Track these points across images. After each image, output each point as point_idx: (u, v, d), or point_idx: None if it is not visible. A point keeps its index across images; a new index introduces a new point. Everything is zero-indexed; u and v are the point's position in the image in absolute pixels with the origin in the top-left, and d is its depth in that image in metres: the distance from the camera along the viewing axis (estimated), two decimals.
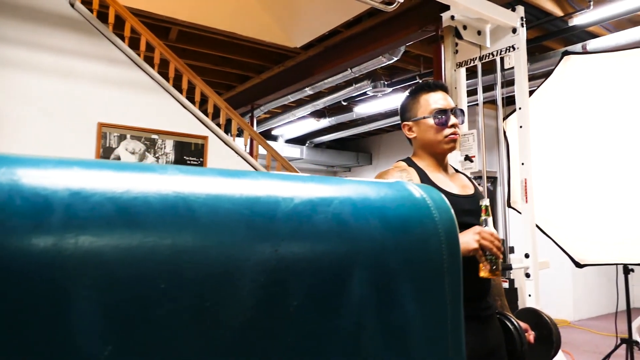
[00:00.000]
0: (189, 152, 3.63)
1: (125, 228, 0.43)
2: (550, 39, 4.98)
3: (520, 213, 2.99)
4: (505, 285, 2.92)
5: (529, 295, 2.82)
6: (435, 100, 1.61)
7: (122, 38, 4.12)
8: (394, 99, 6.56)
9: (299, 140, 10.05)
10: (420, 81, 6.02)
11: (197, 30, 5.01)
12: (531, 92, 3.70)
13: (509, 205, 3.48)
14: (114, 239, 0.42)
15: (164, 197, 0.46)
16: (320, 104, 7.02)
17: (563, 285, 6.84)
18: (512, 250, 3.32)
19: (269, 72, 6.19)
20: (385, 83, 6.16)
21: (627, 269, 3.58)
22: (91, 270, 0.41)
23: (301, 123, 8.71)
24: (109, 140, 3.44)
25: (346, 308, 0.54)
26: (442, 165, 1.64)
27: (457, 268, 0.64)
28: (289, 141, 10.01)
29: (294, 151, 9.74)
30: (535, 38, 4.94)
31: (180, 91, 4.36)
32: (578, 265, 3.41)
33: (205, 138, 3.75)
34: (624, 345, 3.67)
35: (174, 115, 3.73)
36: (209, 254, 0.46)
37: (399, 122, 1.72)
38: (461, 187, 1.63)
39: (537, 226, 3.43)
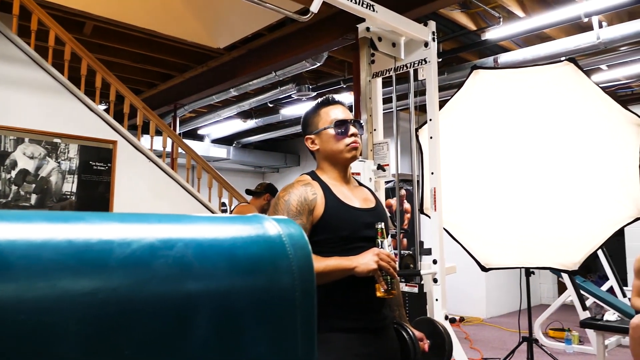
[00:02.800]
0: (96, 158, 3.45)
1: None
2: (466, 51, 5.22)
3: (430, 218, 3.11)
4: (415, 290, 3.02)
5: (436, 300, 2.94)
6: (335, 112, 1.66)
7: (29, 31, 3.86)
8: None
9: (226, 141, 9.91)
10: (345, 86, 6.09)
11: (114, 26, 4.80)
12: (447, 101, 3.86)
13: (421, 211, 3.61)
14: None
15: None
16: (246, 105, 6.96)
17: (477, 285, 7.20)
18: (429, 252, 3.44)
19: (192, 72, 6.06)
20: (310, 87, 6.21)
21: (528, 272, 3.83)
22: None
23: (228, 123, 8.59)
24: (4, 144, 3.18)
25: (187, 353, 0.54)
26: (345, 178, 1.68)
27: (311, 304, 0.65)
28: (215, 141, 9.84)
29: (220, 151, 9.58)
30: (452, 50, 5.16)
31: (94, 89, 4.16)
32: (483, 269, 3.60)
33: (114, 142, 3.58)
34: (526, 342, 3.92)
35: (79, 118, 3.52)
36: (24, 310, 0.44)
37: None
38: (363, 200, 1.68)
39: (447, 232, 3.59)
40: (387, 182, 3.39)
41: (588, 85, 3.33)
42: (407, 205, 8.20)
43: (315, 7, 2.40)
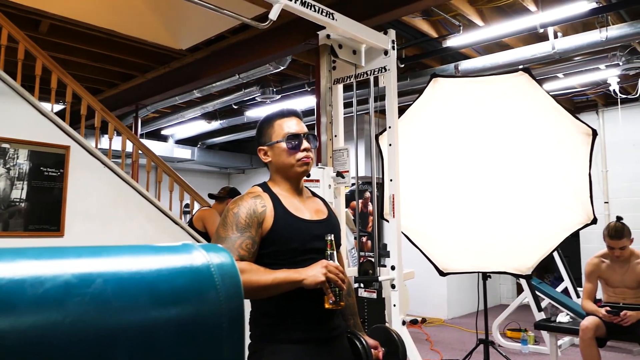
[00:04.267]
0: (48, 163, 3.33)
1: None
2: (428, 57, 5.30)
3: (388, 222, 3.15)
4: (374, 295, 3.05)
5: (394, 305, 2.98)
6: (288, 125, 1.66)
7: None
8: (284, 105, 6.61)
9: (190, 141, 9.77)
10: (309, 89, 6.09)
11: (71, 25, 4.68)
12: (409, 106, 3.91)
13: (382, 217, 3.65)
14: None
15: None
16: (210, 106, 6.89)
17: (438, 286, 7.31)
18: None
19: (154, 72, 5.96)
20: (275, 90, 6.20)
21: (485, 276, 3.91)
22: None
23: (192, 124, 8.47)
24: None
25: None
26: (297, 190, 1.69)
27: (239, 333, 0.65)
28: (180, 142, 9.69)
29: (184, 152, 9.45)
30: (414, 56, 5.23)
31: (49, 89, 4.04)
32: (441, 273, 3.67)
33: (67, 147, 3.48)
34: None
35: (29, 122, 3.39)
36: None
37: None
38: (314, 211, 1.68)
39: (407, 237, 3.64)
40: (352, 184, 3.41)
41: (541, 95, 3.43)
42: (371, 208, 8.29)
43: (274, 15, 2.40)
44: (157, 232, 4.08)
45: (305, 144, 1.63)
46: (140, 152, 4.61)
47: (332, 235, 1.54)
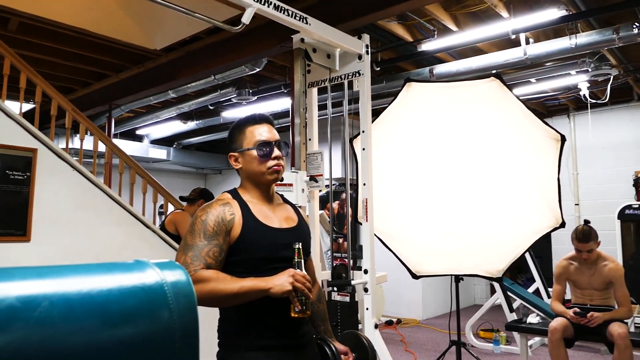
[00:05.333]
0: (14, 166, 3.24)
1: None
2: (404, 61, 5.34)
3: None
4: (347, 299, 3.06)
5: (367, 309, 2.99)
6: (260, 132, 1.65)
7: None
8: (260, 106, 6.59)
9: (166, 141, 9.66)
10: (285, 91, 6.07)
11: (42, 23, 4.58)
12: (385, 109, 3.94)
13: (356, 220, 3.65)
14: None
15: None
16: (185, 107, 6.82)
17: (413, 287, 7.36)
18: None
19: (128, 72, 5.87)
20: (251, 91, 6.17)
21: (457, 278, 3.96)
22: None
23: (168, 124, 8.38)
24: None
25: None
26: (267, 197, 1.68)
27: (193, 349, 0.65)
28: (155, 142, 9.57)
29: (160, 152, 9.34)
30: (390, 59, 5.27)
31: (18, 88, 3.95)
32: (414, 276, 3.70)
33: (34, 150, 3.40)
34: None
35: None
36: None
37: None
38: (284, 219, 1.68)
39: (380, 240, 3.66)
40: (326, 186, 3.42)
41: (512, 101, 3.49)
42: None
43: (246, 19, 2.39)
44: (128, 236, 4.01)
45: (276, 152, 1.63)
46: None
47: (300, 244, 1.55)
